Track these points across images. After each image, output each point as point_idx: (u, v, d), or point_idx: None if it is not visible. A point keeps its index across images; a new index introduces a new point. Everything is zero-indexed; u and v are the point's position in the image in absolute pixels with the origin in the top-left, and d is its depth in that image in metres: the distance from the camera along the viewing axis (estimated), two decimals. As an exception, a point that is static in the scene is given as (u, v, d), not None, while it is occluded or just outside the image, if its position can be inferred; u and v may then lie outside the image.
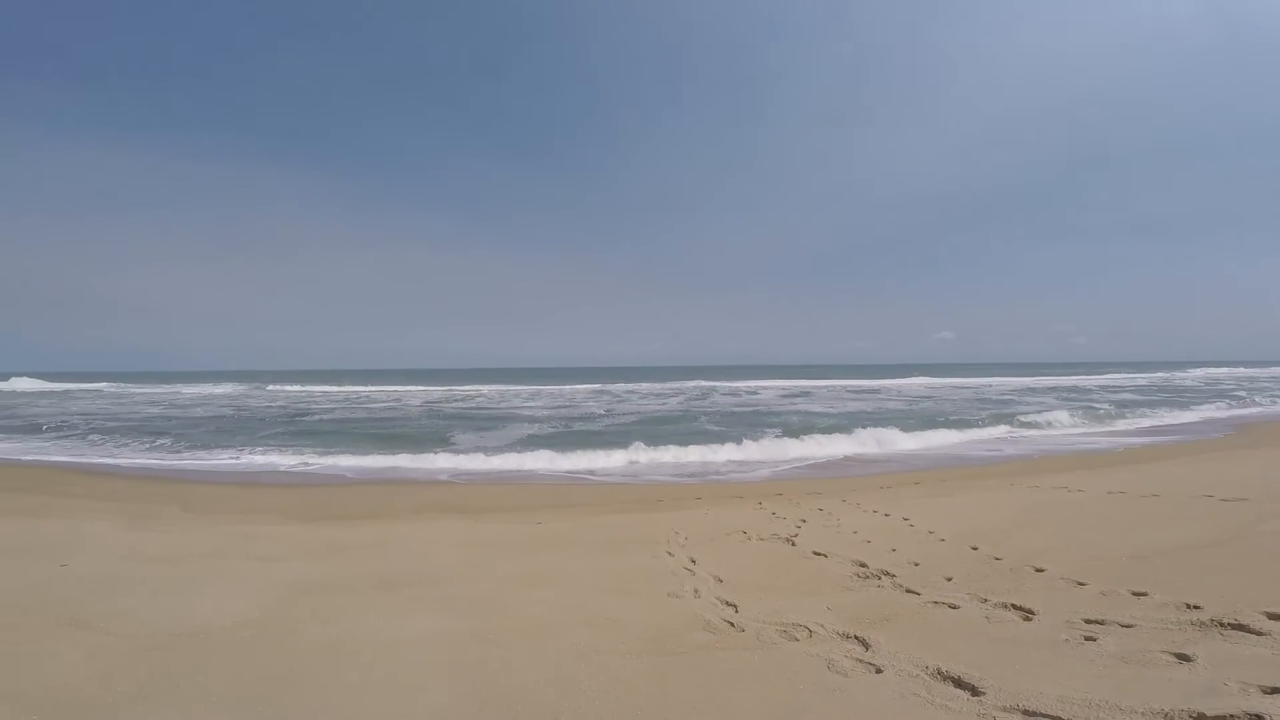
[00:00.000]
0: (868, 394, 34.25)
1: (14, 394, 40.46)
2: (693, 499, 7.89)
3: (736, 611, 3.47)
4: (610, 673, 2.73)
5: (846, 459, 11.91)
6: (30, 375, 65.69)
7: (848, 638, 2.96)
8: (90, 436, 15.91)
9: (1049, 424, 16.45)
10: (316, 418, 21.88)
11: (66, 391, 42.80)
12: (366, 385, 49.73)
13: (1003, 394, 31.78)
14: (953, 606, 3.33)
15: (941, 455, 12.32)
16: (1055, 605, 3.23)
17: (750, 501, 7.40)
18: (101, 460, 12.17)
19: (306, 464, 11.66)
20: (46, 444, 14.64)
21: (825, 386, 42.76)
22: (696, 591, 3.90)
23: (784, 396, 32.43)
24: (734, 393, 36.67)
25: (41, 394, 40.55)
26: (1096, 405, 21.41)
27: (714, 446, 12.83)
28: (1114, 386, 37.23)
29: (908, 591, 3.65)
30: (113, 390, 44.51)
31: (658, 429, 17.53)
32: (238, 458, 12.23)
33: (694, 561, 4.62)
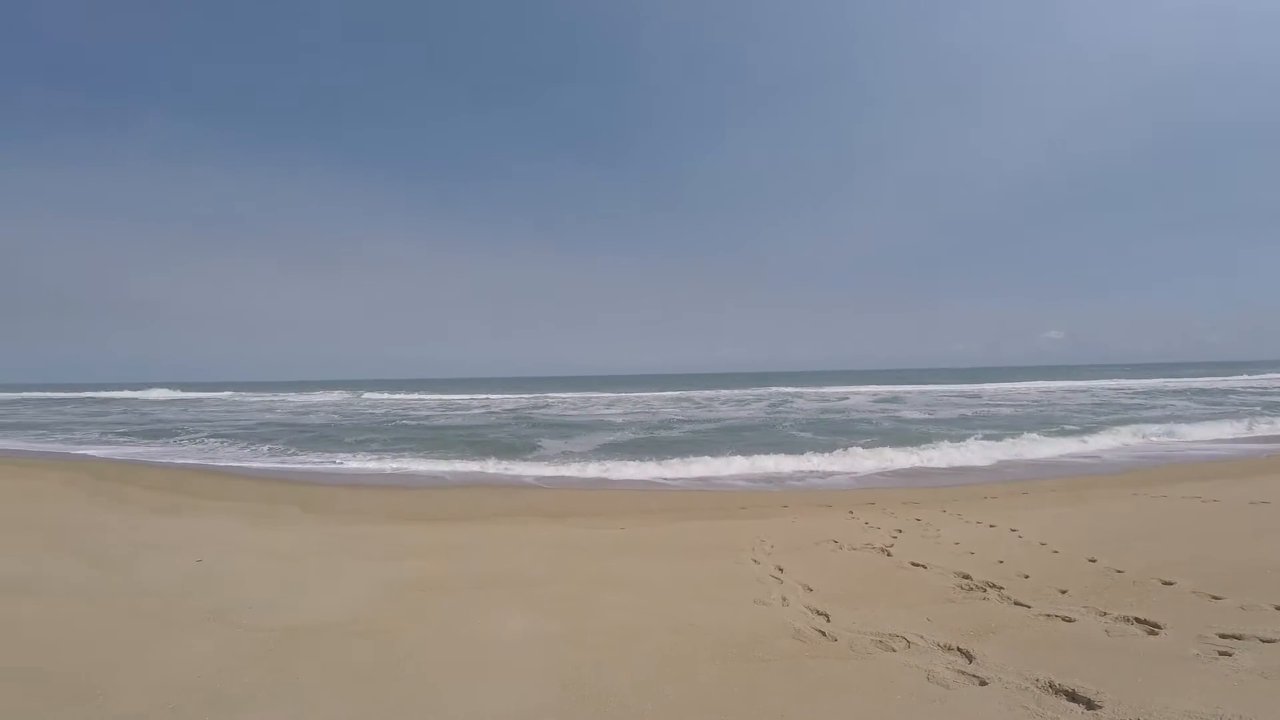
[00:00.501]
0: (968, 399, 32.32)
1: (152, 402, 44.87)
2: (778, 507, 7.71)
3: (828, 621, 3.36)
4: (695, 677, 2.72)
5: (945, 468, 11.27)
6: (165, 385, 73.43)
7: (949, 649, 2.80)
8: (216, 440, 17.50)
9: (1176, 429, 14.86)
10: (414, 424, 23.08)
11: (196, 400, 47.26)
12: (456, 394, 52.12)
13: (1123, 396, 29.14)
14: (1067, 620, 3.09)
15: (1053, 463, 11.43)
16: (1185, 619, 2.94)
17: (840, 510, 7.15)
18: (228, 464, 13.37)
19: (406, 468, 12.30)
20: (181, 448, 16.17)
21: (919, 391, 40.70)
22: (784, 599, 3.81)
23: (875, 402, 31.16)
24: (821, 398, 35.54)
25: (173, 401, 44.80)
26: (1235, 408, 19.17)
27: (799, 454, 12.49)
28: (1258, 388, 33.23)
29: (1016, 604, 3.42)
30: (235, 398, 48.97)
31: (739, 436, 17.26)
32: (345, 462, 13.05)
33: (781, 570, 4.52)
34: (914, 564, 4.50)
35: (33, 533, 6.02)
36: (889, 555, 4.85)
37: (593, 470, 11.62)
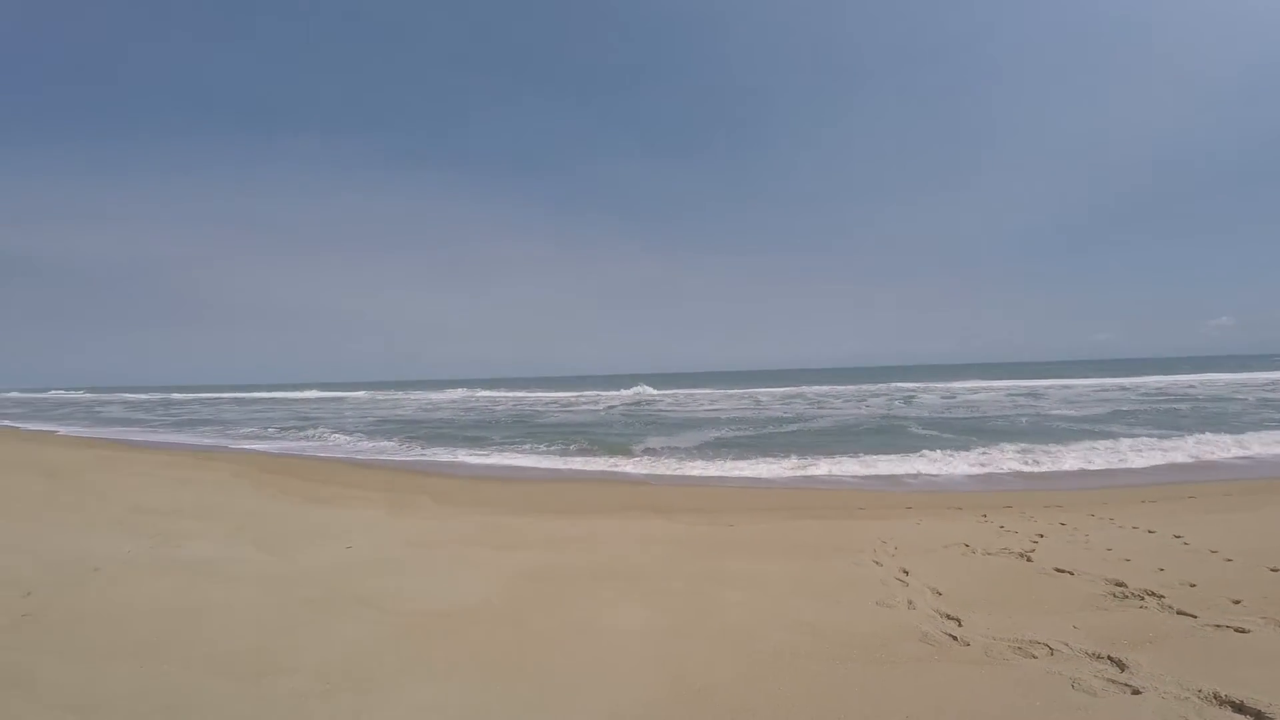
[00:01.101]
0: (1115, 393, 29.13)
1: (304, 401, 49.75)
2: (900, 508, 7.38)
3: (959, 625, 3.20)
4: (812, 677, 2.69)
5: (1091, 469, 10.27)
6: (316, 386, 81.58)
7: (1098, 658, 2.60)
8: (356, 436, 19.13)
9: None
10: (528, 420, 24.08)
11: (338, 399, 52.03)
12: (565, 391, 53.95)
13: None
14: (1240, 630, 2.77)
15: (1222, 464, 10.09)
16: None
17: (971, 513, 6.73)
18: (368, 457, 14.71)
19: (522, 462, 12.91)
20: (326, 442, 17.78)
21: (1061, 386, 37.14)
22: (910, 603, 3.66)
23: (1009, 397, 28.78)
24: (949, 394, 33.10)
25: (322, 400, 49.32)
26: None
27: (923, 453, 11.83)
28: None
29: (1179, 613, 3.10)
30: (370, 397, 53.58)
31: (854, 434, 16.56)
32: (467, 456, 13.82)
33: (906, 572, 4.33)
34: (1058, 570, 4.16)
35: (218, 520, 6.81)
36: (1029, 560, 4.51)
37: (699, 467, 11.62)
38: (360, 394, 59.54)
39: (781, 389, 45.26)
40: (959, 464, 10.90)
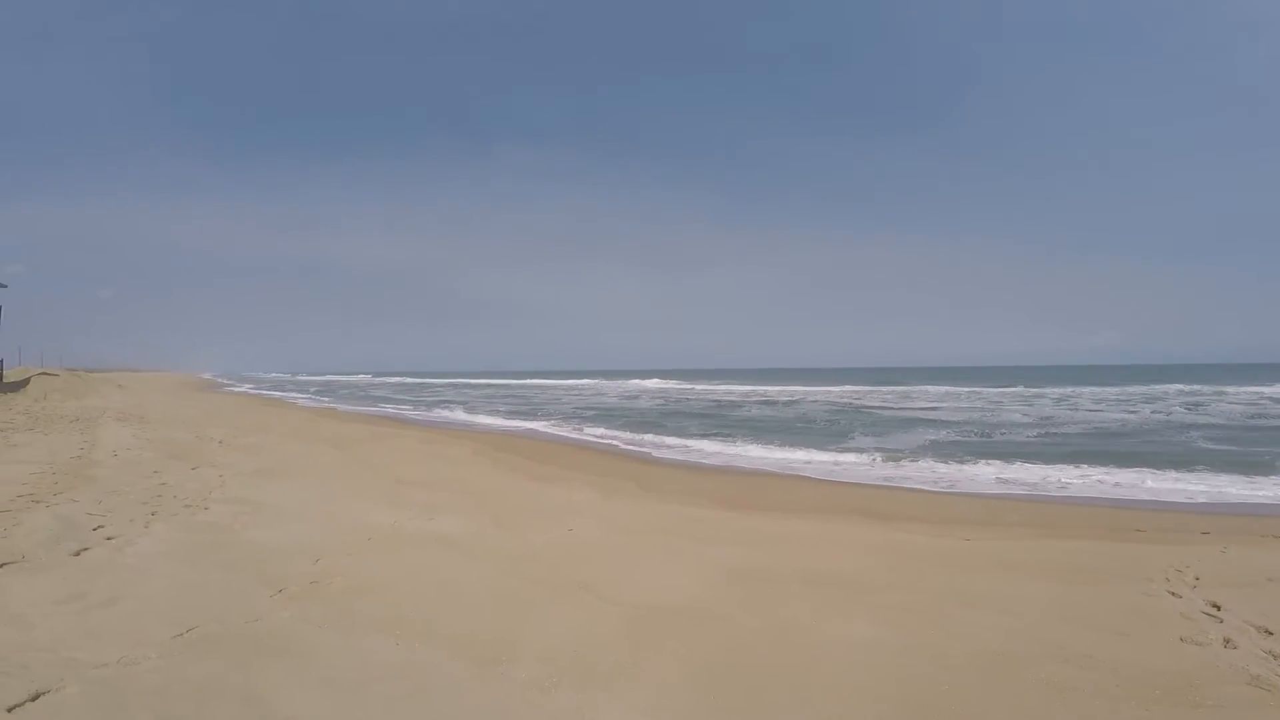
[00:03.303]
0: None
1: (525, 386, 54.63)
2: (1193, 532, 6.03)
3: (1300, 668, 2.52)
4: (1104, 715, 2.30)
5: None
6: (539, 374, 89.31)
7: None
8: (570, 420, 20.78)
9: None
10: (726, 412, 24.16)
11: (553, 385, 56.14)
12: (767, 385, 53.00)
13: None
14: None
15: None
16: None
17: (1298, 543, 5.32)
18: (577, 437, 15.98)
19: (724, 452, 12.95)
20: (546, 425, 19.43)
21: None
22: (1227, 640, 2.98)
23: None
24: (1249, 399, 26.01)
25: (538, 387, 53.39)
26: None
27: (1213, 470, 9.60)
28: None
29: None
30: (580, 384, 57.97)
31: (1117, 444, 13.94)
32: (669, 444, 14.20)
33: (1217, 607, 3.51)
34: None
35: (464, 494, 7.54)
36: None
37: (916, 469, 10.69)
38: (567, 381, 64.62)
39: (1018, 388, 38.75)
40: (1263, 485, 8.66)
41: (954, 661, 2.89)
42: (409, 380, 72.77)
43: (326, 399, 36.06)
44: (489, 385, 57.89)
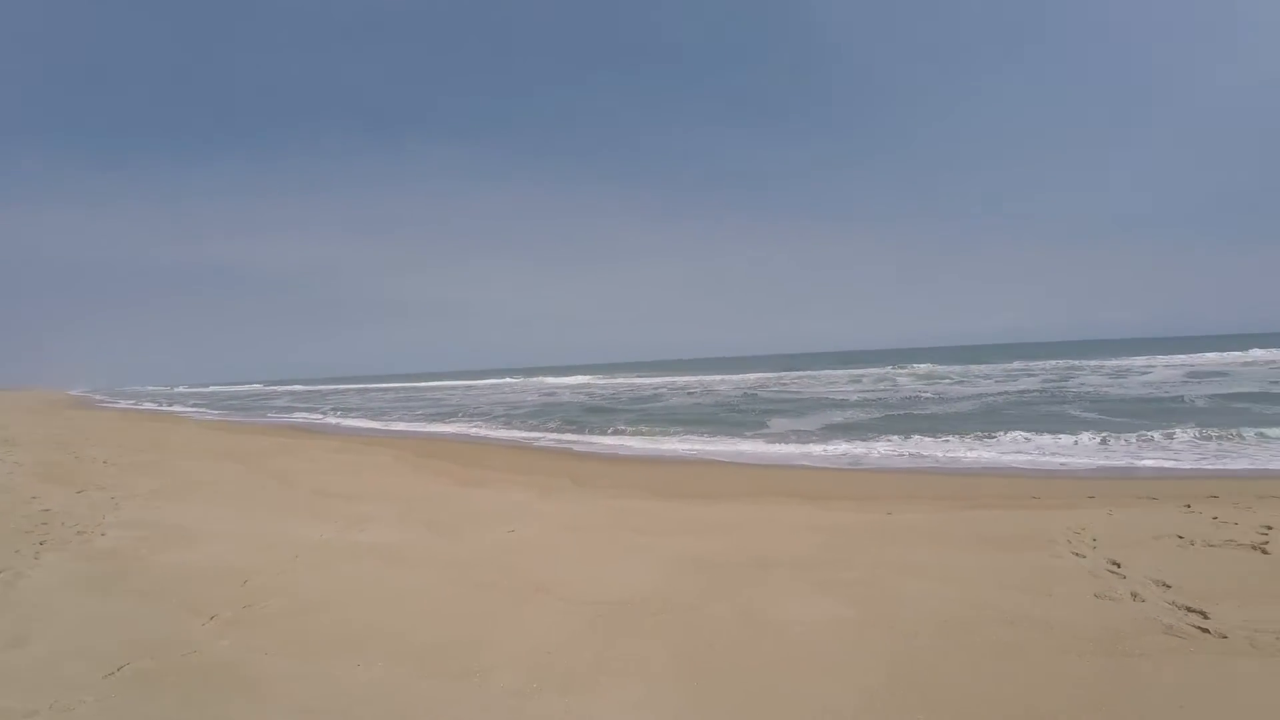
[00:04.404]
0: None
1: (438, 389, 52.05)
2: (1081, 497, 6.73)
3: (1205, 618, 2.90)
4: (1052, 669, 2.53)
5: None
6: (450, 375, 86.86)
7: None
8: (491, 420, 20.30)
9: None
10: (650, 404, 24.35)
11: (470, 385, 55.34)
12: (684, 375, 54.06)
13: None
14: None
15: None
16: None
17: (1171, 503, 6.03)
18: (502, 435, 15.61)
19: (651, 445, 13.05)
20: (466, 427, 18.81)
21: (1248, 362, 32.26)
22: (1136, 595, 3.35)
23: (1189, 376, 25.27)
24: (1117, 372, 29.35)
25: (453, 389, 52.06)
26: None
27: (1089, 436, 10.80)
28: None
29: None
30: (496, 383, 56.82)
31: (1002, 415, 15.30)
32: (598, 439, 14.01)
33: (1117, 564, 3.95)
34: (1311, 564, 3.66)
35: (390, 503, 7.20)
36: (1265, 553, 3.98)
37: (834, 448, 11.29)
38: (484, 382, 63.01)
39: (923, 366, 43.05)
40: (1135, 449, 9.86)
41: (910, 630, 3.08)
42: (309, 389, 68.25)
43: (218, 412, 33.28)
44: (400, 389, 55.32)
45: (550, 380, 55.60)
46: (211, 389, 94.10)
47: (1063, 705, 2.24)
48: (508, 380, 61.49)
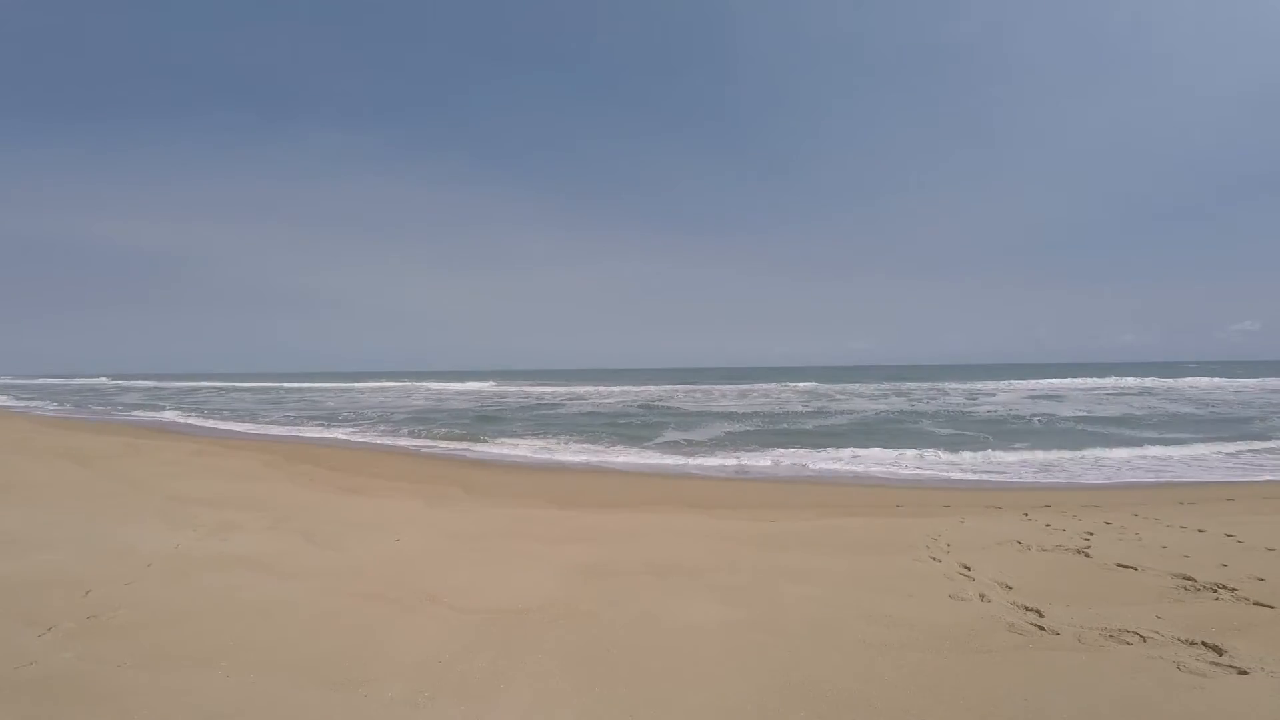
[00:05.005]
0: (1136, 396, 29.07)
1: (318, 390, 49.00)
2: (938, 506, 7.45)
3: (1041, 616, 3.28)
4: (913, 666, 2.74)
5: (1122, 470, 10.36)
6: (328, 376, 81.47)
7: (1192, 644, 2.70)
8: (376, 425, 19.21)
9: None
10: (547, 412, 24.10)
11: (349, 389, 51.62)
12: (583, 385, 54.01)
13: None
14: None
15: (1257, 465, 10.15)
16: None
17: (1012, 512, 6.81)
18: (386, 441, 14.64)
19: (548, 455, 12.91)
20: (346, 432, 17.62)
21: (1078, 386, 37.12)
22: (983, 596, 3.73)
23: (1028, 398, 28.72)
24: (968, 394, 32.80)
25: (332, 391, 48.59)
26: None
27: (946, 451, 12.00)
28: None
29: (1257, 604, 3.19)
30: (382, 386, 54.02)
31: (874, 431, 16.63)
32: (490, 447, 13.66)
33: (968, 568, 4.39)
34: (1120, 565, 4.23)
35: (260, 511, 6.74)
36: (1087, 557, 4.58)
37: (724, 460, 11.74)
38: (368, 385, 59.59)
39: (803, 384, 46.16)
40: (984, 462, 11.06)
41: (789, 631, 3.28)
42: (167, 386, 61.26)
43: (55, 406, 29.14)
44: (269, 389, 51.01)
45: (436, 386, 53.45)
46: (42, 381, 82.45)
47: (924, 699, 2.47)
48: (390, 384, 58.29)
